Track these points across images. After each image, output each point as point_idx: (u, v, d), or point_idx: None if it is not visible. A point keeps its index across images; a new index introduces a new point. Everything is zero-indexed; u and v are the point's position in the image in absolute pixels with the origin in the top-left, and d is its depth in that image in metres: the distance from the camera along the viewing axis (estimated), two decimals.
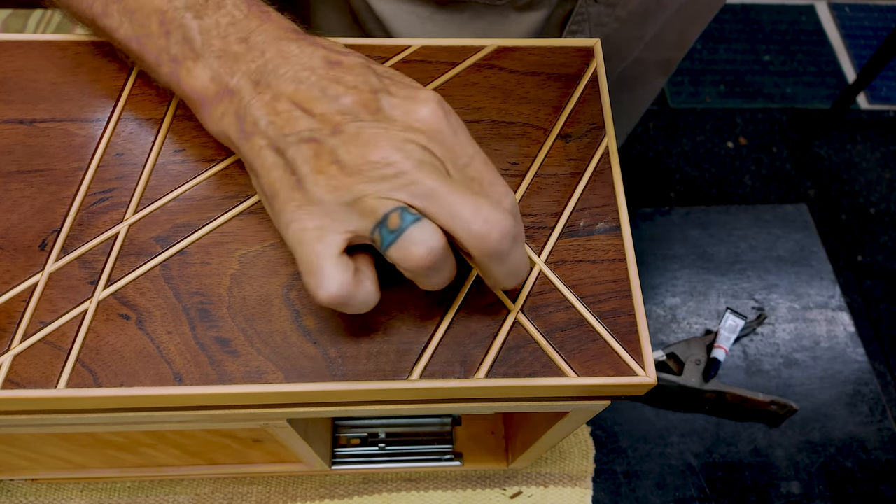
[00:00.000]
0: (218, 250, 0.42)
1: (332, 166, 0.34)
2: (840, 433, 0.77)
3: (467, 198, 0.33)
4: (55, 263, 0.41)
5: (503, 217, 0.34)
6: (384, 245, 0.34)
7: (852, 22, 2.59)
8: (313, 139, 0.35)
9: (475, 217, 0.33)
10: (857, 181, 2.18)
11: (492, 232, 0.33)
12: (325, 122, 0.35)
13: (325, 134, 0.34)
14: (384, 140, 0.34)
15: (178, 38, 0.40)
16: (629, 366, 0.40)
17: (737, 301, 0.85)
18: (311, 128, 0.35)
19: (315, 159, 0.34)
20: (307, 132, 0.35)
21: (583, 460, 0.73)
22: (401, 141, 0.34)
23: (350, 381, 0.39)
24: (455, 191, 0.33)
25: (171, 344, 0.39)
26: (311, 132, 0.35)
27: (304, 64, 0.37)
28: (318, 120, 0.35)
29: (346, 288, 0.34)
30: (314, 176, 0.34)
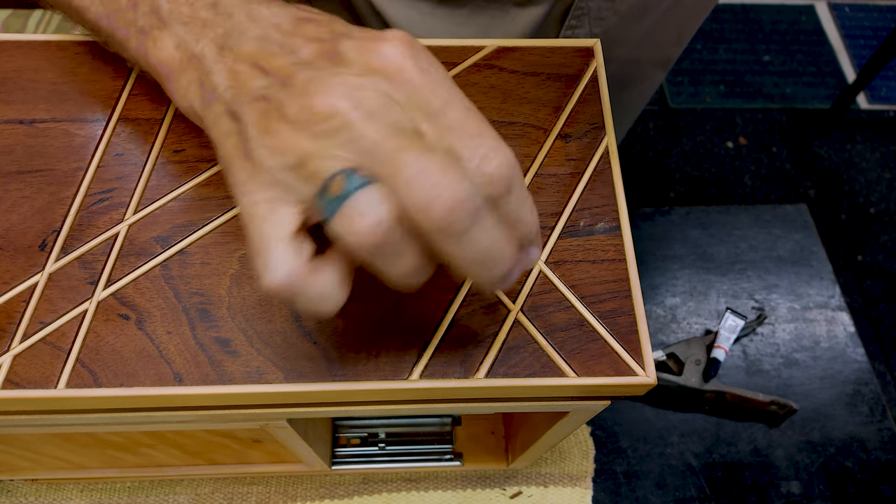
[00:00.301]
0: (218, 250, 0.42)
1: (277, 124, 0.29)
2: (840, 433, 0.77)
3: (413, 155, 0.27)
4: (55, 263, 0.41)
5: (456, 182, 0.26)
6: (325, 216, 0.28)
7: (852, 22, 2.59)
8: (263, 97, 0.30)
9: (417, 180, 0.26)
10: (856, 181, 2.18)
11: (435, 201, 0.26)
12: (277, 76, 0.30)
13: (275, 90, 0.30)
14: (333, 86, 0.28)
15: (146, 10, 0.38)
16: (629, 366, 0.40)
17: (737, 301, 0.85)
18: (264, 85, 0.30)
19: (262, 118, 0.29)
20: (259, 90, 0.30)
21: (583, 460, 0.73)
22: (352, 87, 0.28)
23: (350, 381, 0.39)
24: (402, 147, 0.27)
25: (171, 344, 0.39)
26: (263, 89, 0.30)
27: (271, 23, 0.32)
28: (271, 76, 0.30)
29: (295, 275, 0.29)
30: (260, 137, 0.29)
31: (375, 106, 0.28)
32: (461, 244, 0.28)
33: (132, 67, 0.48)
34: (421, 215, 0.26)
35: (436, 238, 0.27)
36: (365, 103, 0.28)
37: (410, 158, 0.27)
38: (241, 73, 0.31)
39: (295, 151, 0.28)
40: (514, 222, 0.29)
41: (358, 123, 0.27)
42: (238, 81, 0.32)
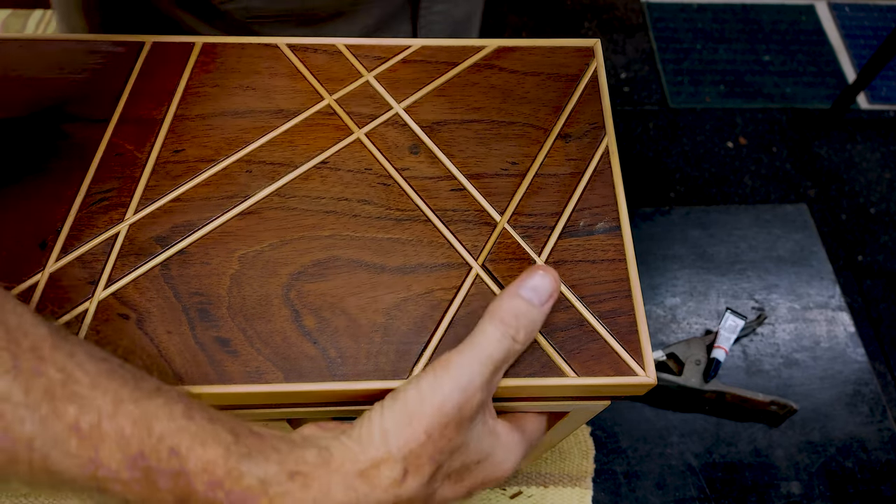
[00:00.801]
0: (218, 250, 0.42)
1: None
2: (840, 433, 0.77)
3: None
4: (55, 263, 0.41)
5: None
6: None
7: (852, 22, 2.59)
8: None
9: None
10: (857, 181, 2.18)
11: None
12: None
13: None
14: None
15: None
16: (629, 366, 0.40)
17: (737, 301, 0.85)
18: None
19: None
20: None
21: (583, 460, 0.73)
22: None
23: (350, 380, 0.39)
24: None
25: (171, 344, 0.39)
26: None
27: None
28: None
29: None
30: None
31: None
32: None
33: (133, 67, 0.48)
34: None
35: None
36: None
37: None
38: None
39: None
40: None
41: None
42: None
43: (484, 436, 0.38)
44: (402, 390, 0.36)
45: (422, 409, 0.34)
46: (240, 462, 0.31)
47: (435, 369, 0.36)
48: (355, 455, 0.34)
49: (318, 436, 0.35)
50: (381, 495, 0.33)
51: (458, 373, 0.35)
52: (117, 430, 0.30)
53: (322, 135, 0.47)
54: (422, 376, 0.36)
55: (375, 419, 0.35)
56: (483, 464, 0.38)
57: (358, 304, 0.41)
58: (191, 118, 0.47)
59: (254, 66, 0.50)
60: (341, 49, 0.51)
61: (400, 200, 0.45)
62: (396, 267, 0.43)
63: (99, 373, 0.31)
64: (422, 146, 0.47)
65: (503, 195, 0.46)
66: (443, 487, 0.37)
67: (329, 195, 0.45)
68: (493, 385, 0.37)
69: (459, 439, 0.36)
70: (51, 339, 0.31)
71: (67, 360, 0.31)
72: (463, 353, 0.36)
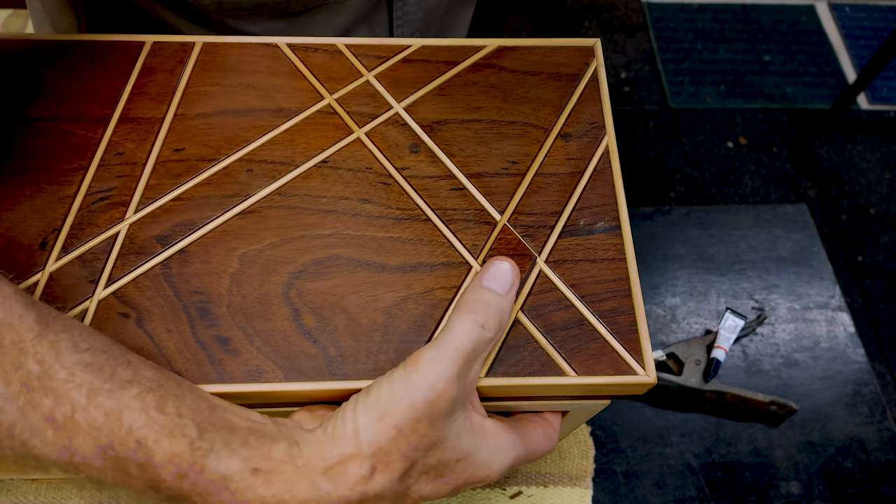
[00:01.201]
0: (218, 249, 0.42)
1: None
2: (840, 433, 0.77)
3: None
4: (55, 262, 0.41)
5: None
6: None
7: (852, 22, 2.59)
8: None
9: None
10: (857, 181, 2.18)
11: None
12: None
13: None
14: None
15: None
16: (629, 365, 0.40)
17: (737, 301, 0.85)
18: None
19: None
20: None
21: (582, 460, 0.73)
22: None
23: (350, 379, 0.39)
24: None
25: (171, 342, 0.39)
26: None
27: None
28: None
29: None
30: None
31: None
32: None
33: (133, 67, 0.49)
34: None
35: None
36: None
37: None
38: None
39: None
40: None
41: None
42: None
43: (464, 433, 0.38)
44: (374, 386, 0.36)
45: (393, 406, 0.35)
46: (203, 457, 0.32)
47: (405, 366, 0.36)
48: (323, 451, 0.34)
49: (296, 427, 0.36)
50: (346, 493, 0.34)
51: (427, 367, 0.35)
52: (89, 421, 0.32)
53: (322, 134, 0.47)
54: (393, 372, 0.36)
55: (349, 414, 0.35)
56: (464, 462, 0.38)
57: (358, 302, 0.41)
58: (191, 117, 0.47)
59: (254, 65, 0.50)
60: (341, 48, 0.52)
61: (400, 199, 0.45)
62: (396, 266, 0.43)
63: (77, 364, 0.33)
64: (422, 145, 0.47)
65: (503, 194, 0.46)
66: (419, 484, 0.37)
67: (329, 194, 0.45)
68: (468, 379, 0.37)
69: (434, 435, 0.36)
70: (36, 330, 0.33)
71: (48, 352, 0.32)
72: (431, 349, 0.36)
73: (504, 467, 0.40)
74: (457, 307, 0.39)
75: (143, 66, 0.50)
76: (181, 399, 0.34)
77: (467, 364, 0.37)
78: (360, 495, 0.34)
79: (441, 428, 0.36)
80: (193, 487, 0.32)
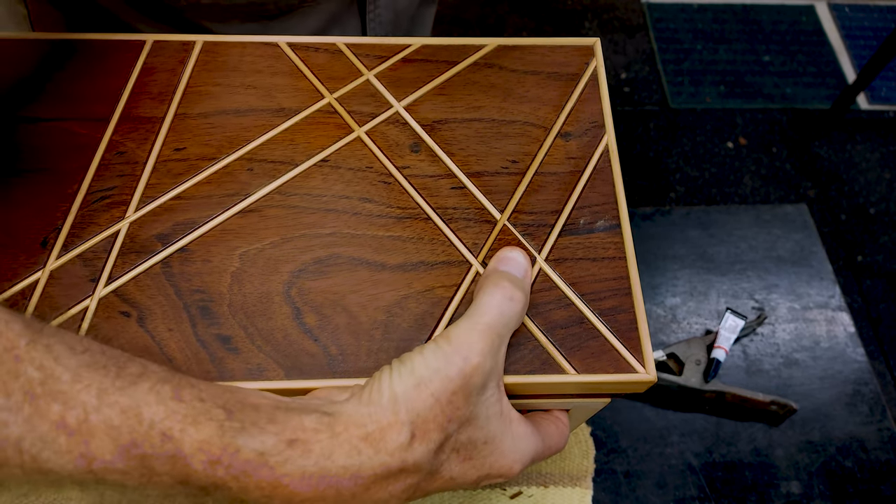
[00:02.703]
0: (219, 248, 0.42)
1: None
2: (840, 433, 0.77)
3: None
4: (56, 261, 0.41)
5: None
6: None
7: (852, 22, 2.59)
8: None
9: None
10: (856, 181, 2.18)
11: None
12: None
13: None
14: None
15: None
16: (629, 363, 0.40)
17: (737, 301, 0.86)
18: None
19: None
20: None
21: (583, 460, 0.73)
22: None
23: (351, 377, 0.39)
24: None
25: (172, 341, 0.39)
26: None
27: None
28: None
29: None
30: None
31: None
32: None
33: (134, 66, 0.49)
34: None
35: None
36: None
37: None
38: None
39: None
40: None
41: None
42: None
43: (493, 416, 0.37)
44: (407, 357, 0.36)
45: (429, 375, 0.34)
46: (235, 437, 0.31)
47: (437, 340, 0.36)
48: (362, 418, 0.33)
49: (327, 400, 0.35)
50: (387, 459, 0.33)
51: (459, 341, 0.35)
52: (105, 421, 0.30)
53: (323, 133, 0.48)
54: (426, 346, 0.36)
55: (385, 382, 0.35)
56: (490, 445, 0.38)
57: (359, 301, 0.41)
58: (192, 116, 0.48)
59: (255, 64, 0.50)
60: (342, 48, 0.52)
61: (401, 198, 0.45)
62: (397, 265, 0.43)
63: (79, 365, 0.31)
64: (422, 144, 0.47)
65: (503, 193, 0.46)
66: (449, 462, 0.36)
67: (330, 193, 0.45)
68: (500, 355, 0.38)
69: (467, 410, 0.36)
70: (27, 336, 0.30)
71: (45, 356, 0.30)
72: (462, 324, 0.36)
73: (525, 460, 0.40)
74: (480, 287, 0.39)
75: (144, 66, 0.50)
76: (195, 386, 0.33)
77: (499, 338, 0.37)
78: (400, 462, 0.33)
79: (474, 403, 0.36)
80: (228, 471, 0.31)
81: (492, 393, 0.37)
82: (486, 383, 0.36)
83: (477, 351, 0.35)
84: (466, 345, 0.35)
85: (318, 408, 0.34)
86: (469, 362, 0.35)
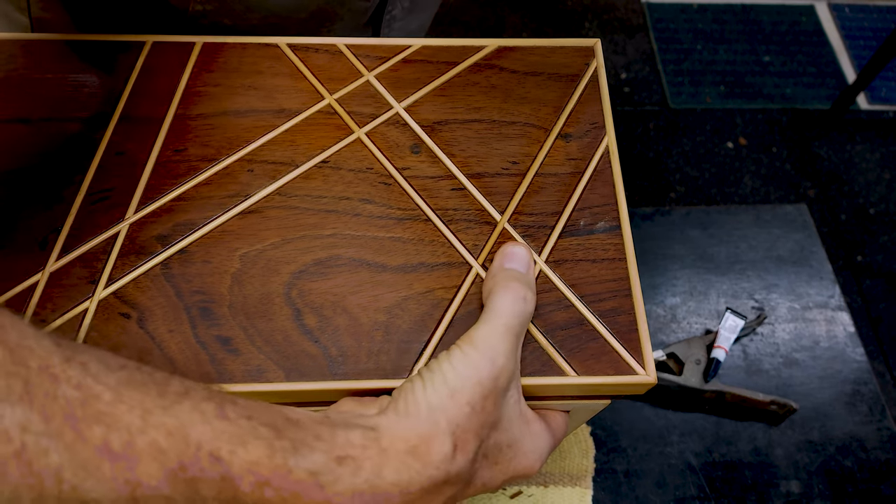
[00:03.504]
0: (219, 249, 0.42)
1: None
2: (840, 433, 0.77)
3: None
4: (56, 263, 0.41)
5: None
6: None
7: (852, 22, 2.59)
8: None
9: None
10: (856, 181, 2.18)
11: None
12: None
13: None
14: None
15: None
16: (629, 365, 0.40)
17: (737, 301, 0.85)
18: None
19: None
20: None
21: (583, 459, 0.73)
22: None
23: (351, 379, 0.39)
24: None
25: (172, 342, 0.39)
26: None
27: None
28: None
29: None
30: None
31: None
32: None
33: (133, 66, 0.48)
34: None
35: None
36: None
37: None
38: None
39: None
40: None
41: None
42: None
43: (514, 418, 0.38)
44: (435, 365, 0.35)
45: (461, 384, 0.34)
46: (286, 458, 0.30)
47: (461, 345, 0.36)
48: (405, 432, 0.33)
49: (359, 413, 0.35)
50: (433, 472, 0.33)
51: (484, 345, 0.35)
52: (152, 444, 0.28)
53: (323, 134, 0.47)
54: (452, 352, 0.36)
55: (419, 393, 0.34)
56: (514, 448, 0.38)
57: (359, 302, 0.41)
58: (192, 117, 0.47)
59: (255, 65, 0.50)
60: (342, 49, 0.51)
61: (401, 200, 0.45)
62: (397, 266, 0.43)
63: (119, 383, 0.29)
64: (422, 146, 0.47)
65: (503, 194, 0.46)
66: (482, 468, 0.36)
67: (330, 194, 0.45)
68: (518, 354, 0.38)
69: (496, 413, 0.36)
70: (59, 353, 0.28)
71: (83, 375, 0.28)
72: (482, 327, 0.36)
73: (544, 457, 0.40)
74: (490, 290, 0.39)
75: (144, 66, 0.49)
76: (237, 403, 0.31)
77: (517, 338, 0.37)
78: (445, 474, 0.33)
79: (501, 406, 0.36)
80: (278, 493, 0.30)
81: (512, 394, 0.37)
82: (510, 384, 0.37)
83: (501, 353, 0.36)
84: (491, 348, 0.35)
85: (360, 422, 0.33)
86: (496, 365, 0.35)
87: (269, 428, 0.31)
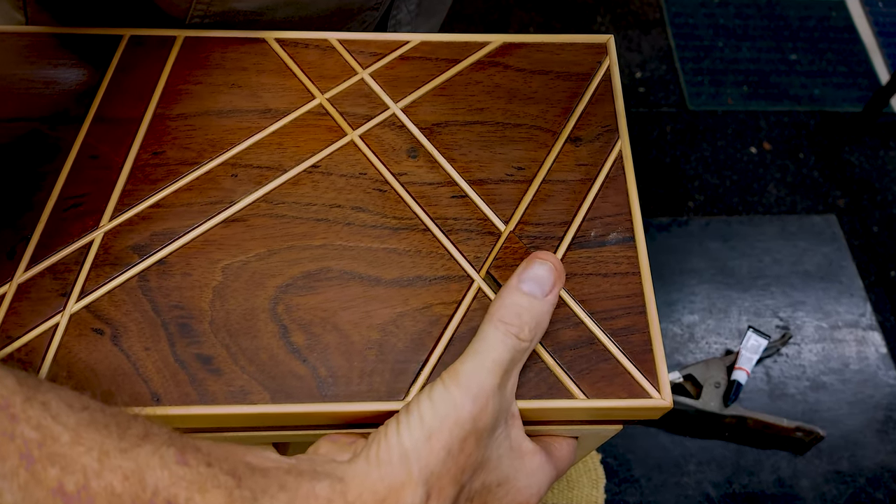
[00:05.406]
0: (200, 260, 0.42)
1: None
2: (870, 462, 0.77)
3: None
4: (24, 274, 0.41)
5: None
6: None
7: (886, 18, 2.60)
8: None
9: None
10: (889, 190, 2.18)
11: None
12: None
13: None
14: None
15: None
16: (643, 387, 0.40)
17: (760, 319, 0.85)
18: None
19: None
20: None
21: (592, 490, 0.73)
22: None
23: (341, 402, 0.39)
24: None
25: (149, 361, 0.39)
26: None
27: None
28: None
29: None
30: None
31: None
32: None
33: (109, 62, 0.49)
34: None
35: None
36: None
37: None
38: None
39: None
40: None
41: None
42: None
43: (504, 454, 0.38)
44: (414, 404, 0.35)
45: (439, 424, 0.34)
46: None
47: (444, 380, 0.36)
48: (372, 482, 0.33)
49: (331, 460, 0.35)
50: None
51: (468, 382, 0.35)
52: (107, 488, 0.29)
53: (313, 136, 0.48)
54: (432, 388, 0.36)
55: (392, 437, 0.34)
56: (504, 486, 0.38)
57: (351, 319, 0.41)
58: (172, 117, 0.48)
59: (240, 61, 0.50)
60: (334, 44, 0.52)
61: (397, 208, 0.45)
62: (392, 279, 0.43)
63: (79, 424, 0.30)
64: (420, 149, 0.48)
65: (508, 203, 0.46)
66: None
67: (320, 202, 0.45)
68: (507, 390, 0.38)
69: (479, 454, 0.36)
70: (21, 392, 0.29)
71: (43, 415, 0.29)
72: (468, 361, 0.36)
73: (542, 492, 0.40)
74: (490, 313, 0.39)
75: (120, 61, 0.50)
76: (200, 450, 0.32)
77: (506, 374, 0.37)
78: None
79: (485, 446, 0.36)
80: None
81: (501, 430, 0.37)
82: (496, 423, 0.36)
83: (487, 390, 0.35)
84: (476, 385, 0.35)
85: (328, 471, 0.34)
86: (478, 403, 0.35)
87: (230, 476, 0.31)
